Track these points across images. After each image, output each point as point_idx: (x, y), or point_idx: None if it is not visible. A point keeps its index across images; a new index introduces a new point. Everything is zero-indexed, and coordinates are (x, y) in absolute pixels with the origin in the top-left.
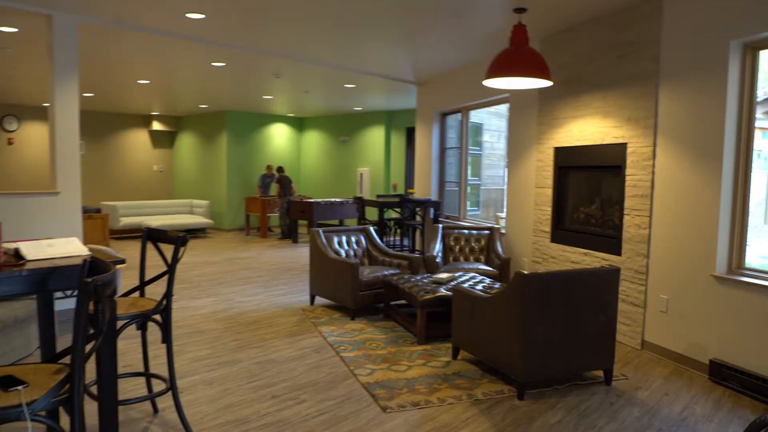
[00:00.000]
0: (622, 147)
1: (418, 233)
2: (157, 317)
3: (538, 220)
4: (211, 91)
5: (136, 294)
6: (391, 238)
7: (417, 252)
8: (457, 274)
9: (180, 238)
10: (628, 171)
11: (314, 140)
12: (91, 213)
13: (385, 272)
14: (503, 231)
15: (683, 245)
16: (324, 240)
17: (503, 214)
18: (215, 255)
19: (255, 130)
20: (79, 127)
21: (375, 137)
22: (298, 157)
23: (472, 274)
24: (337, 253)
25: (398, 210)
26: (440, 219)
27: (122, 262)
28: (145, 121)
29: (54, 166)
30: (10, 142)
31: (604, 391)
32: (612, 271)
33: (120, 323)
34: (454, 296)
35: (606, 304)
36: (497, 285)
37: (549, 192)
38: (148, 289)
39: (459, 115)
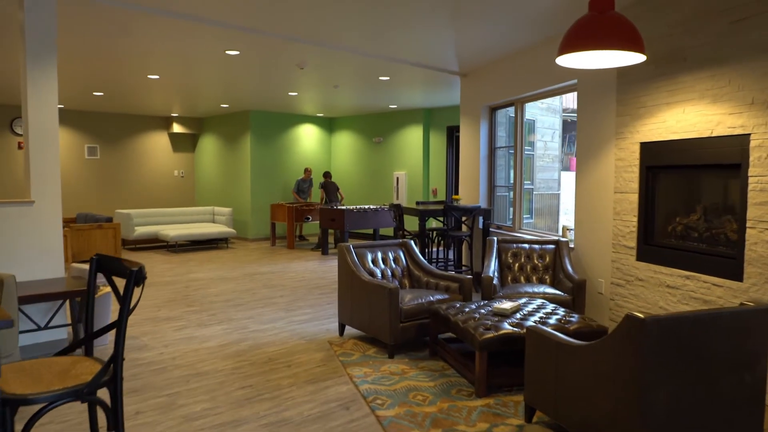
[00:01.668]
0: (741, 139)
1: (465, 245)
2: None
3: (619, 233)
4: (230, 88)
5: (81, 351)
6: (434, 249)
7: (464, 267)
8: (521, 301)
9: (133, 272)
10: (752, 171)
11: (345, 142)
12: (101, 222)
13: (431, 298)
14: (571, 245)
15: None
16: (355, 257)
17: (571, 225)
18: (235, 269)
19: (281, 132)
20: (58, 124)
21: (412, 137)
22: (328, 159)
23: (540, 301)
24: (372, 273)
25: (441, 219)
26: (491, 229)
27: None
28: (164, 123)
29: (28, 171)
30: (20, 147)
31: None
32: (760, 312)
33: (34, 408)
34: (529, 339)
35: (752, 359)
36: (575, 317)
37: (634, 198)
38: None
39: (510, 110)
